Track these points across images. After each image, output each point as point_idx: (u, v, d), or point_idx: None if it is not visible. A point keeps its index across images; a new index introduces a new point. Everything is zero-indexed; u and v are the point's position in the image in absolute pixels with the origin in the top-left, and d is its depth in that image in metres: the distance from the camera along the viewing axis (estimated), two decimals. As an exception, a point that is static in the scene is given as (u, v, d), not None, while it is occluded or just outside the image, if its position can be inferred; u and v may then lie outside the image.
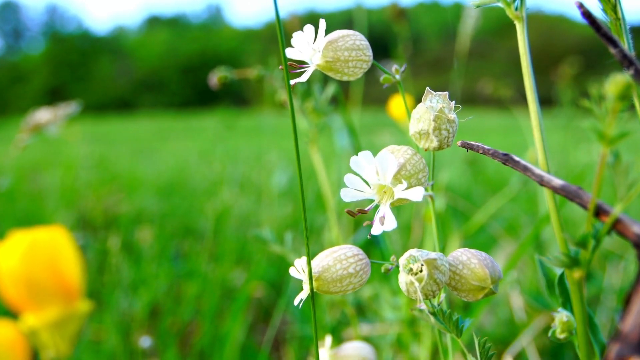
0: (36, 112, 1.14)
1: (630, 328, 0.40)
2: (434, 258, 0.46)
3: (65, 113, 1.13)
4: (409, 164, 0.49)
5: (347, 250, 0.51)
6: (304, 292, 0.51)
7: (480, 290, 0.49)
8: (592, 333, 0.55)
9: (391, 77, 0.55)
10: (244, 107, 6.52)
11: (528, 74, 0.51)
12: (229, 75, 0.95)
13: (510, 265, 1.15)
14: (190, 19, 39.02)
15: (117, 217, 2.32)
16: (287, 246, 0.82)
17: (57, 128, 1.12)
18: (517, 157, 0.50)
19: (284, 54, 0.50)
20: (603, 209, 0.46)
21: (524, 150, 1.43)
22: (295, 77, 0.53)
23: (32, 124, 1.11)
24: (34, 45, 35.47)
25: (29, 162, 4.11)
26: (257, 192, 2.64)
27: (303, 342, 1.31)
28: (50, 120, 1.11)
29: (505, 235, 1.72)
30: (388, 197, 0.50)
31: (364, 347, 0.67)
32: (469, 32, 1.81)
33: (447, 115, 0.49)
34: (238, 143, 5.07)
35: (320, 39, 0.52)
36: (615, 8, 0.53)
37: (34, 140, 1.14)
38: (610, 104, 0.41)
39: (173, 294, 1.60)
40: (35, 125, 1.11)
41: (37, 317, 0.48)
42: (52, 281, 0.48)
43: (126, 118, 15.25)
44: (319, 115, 0.94)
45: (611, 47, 0.48)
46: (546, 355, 1.24)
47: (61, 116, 1.12)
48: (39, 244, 0.48)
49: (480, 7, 0.51)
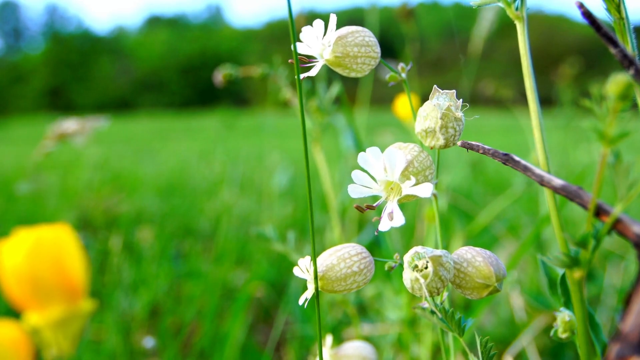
0: (64, 121, 1.14)
1: (630, 328, 0.40)
2: (439, 255, 0.47)
3: (93, 125, 1.13)
4: (416, 161, 0.49)
5: (351, 249, 0.51)
6: (308, 291, 0.51)
7: (484, 288, 0.49)
8: (593, 332, 0.55)
9: (397, 75, 0.55)
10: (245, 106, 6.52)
11: (528, 74, 0.52)
12: (233, 73, 0.95)
13: (511, 264, 1.15)
14: (190, 19, 39.03)
15: (117, 217, 2.32)
16: (289, 245, 0.82)
17: (84, 139, 1.13)
18: (517, 157, 0.50)
19: (295, 48, 0.50)
20: (603, 209, 0.46)
21: (524, 150, 1.43)
22: (303, 72, 0.53)
23: (59, 132, 1.12)
24: (34, 45, 35.48)
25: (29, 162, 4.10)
26: (258, 192, 2.64)
27: (303, 342, 1.31)
28: (78, 130, 1.12)
29: (507, 235, 1.72)
30: (395, 194, 0.50)
31: (365, 346, 0.67)
32: (482, 34, 1.81)
33: (454, 114, 0.49)
34: (238, 143, 5.07)
35: (330, 34, 0.52)
36: (619, 7, 0.53)
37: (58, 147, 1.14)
38: (611, 103, 0.41)
39: (173, 294, 1.60)
40: (62, 133, 1.11)
41: (40, 316, 0.48)
42: (56, 280, 0.48)
43: (126, 118, 15.25)
44: (323, 115, 0.94)
45: (611, 47, 0.48)
46: (546, 355, 1.24)
47: (89, 128, 1.13)
48: (43, 242, 0.48)
49: (481, 6, 0.52)
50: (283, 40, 14.80)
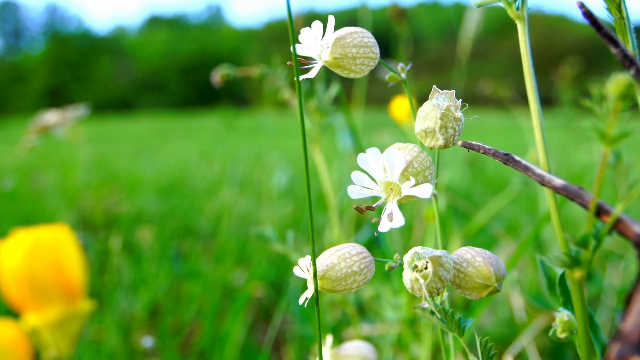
0: (44, 114, 1.13)
1: (630, 328, 0.40)
2: (439, 255, 0.47)
3: (74, 115, 1.12)
4: (415, 162, 0.49)
5: (351, 249, 0.51)
6: (308, 290, 0.51)
7: (484, 288, 0.49)
8: (593, 333, 0.55)
9: (397, 75, 0.55)
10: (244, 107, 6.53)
11: (529, 74, 0.51)
12: (231, 73, 0.95)
13: (510, 265, 1.15)
14: (190, 19, 39.02)
15: (117, 217, 2.32)
16: (289, 245, 0.82)
17: (64, 130, 1.12)
18: (517, 157, 0.50)
19: (294, 50, 0.50)
20: (604, 208, 0.46)
21: (524, 150, 1.43)
22: (302, 73, 0.53)
23: (40, 126, 1.11)
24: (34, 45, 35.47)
25: (30, 162, 4.11)
26: (257, 192, 2.64)
27: (303, 341, 1.31)
28: (59, 122, 1.11)
29: (506, 235, 1.72)
30: (395, 195, 0.50)
31: (365, 346, 0.67)
32: (470, 36, 1.82)
33: (454, 114, 0.49)
34: (238, 143, 5.07)
35: (329, 35, 0.52)
36: (620, 7, 0.53)
37: (40, 141, 1.14)
38: (612, 103, 0.41)
39: (173, 294, 1.60)
40: (43, 126, 1.11)
41: (39, 316, 0.48)
42: (55, 280, 0.48)
43: (126, 118, 15.25)
44: (322, 115, 0.94)
45: (612, 47, 0.48)
46: (546, 355, 1.24)
47: (69, 118, 1.12)
48: (42, 243, 0.48)
49: (482, 6, 0.51)
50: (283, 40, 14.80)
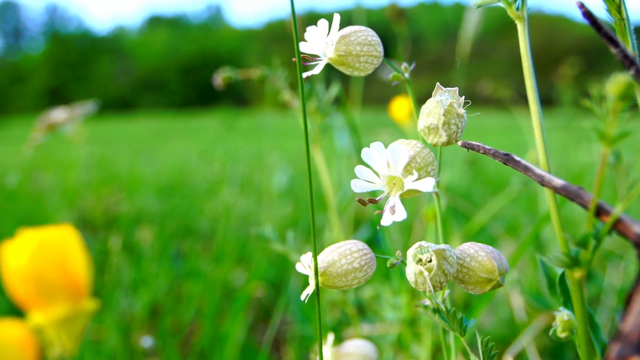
0: (52, 111, 1.13)
1: (630, 328, 0.40)
2: (443, 249, 0.47)
3: (81, 113, 1.13)
4: (419, 157, 0.49)
5: (352, 245, 0.52)
6: (309, 287, 0.51)
7: (487, 283, 0.49)
8: (593, 332, 0.55)
9: (400, 74, 0.55)
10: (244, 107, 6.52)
11: (529, 74, 0.52)
12: (233, 76, 0.95)
13: (510, 265, 1.15)
14: (190, 19, 39.01)
15: (117, 217, 2.32)
16: (289, 245, 0.83)
17: (72, 127, 1.12)
18: (517, 157, 0.50)
19: (297, 47, 0.50)
20: (604, 208, 0.46)
21: (524, 150, 1.43)
22: (306, 71, 0.53)
23: (47, 123, 1.11)
24: (34, 45, 35.46)
25: (30, 162, 4.11)
26: (257, 192, 2.65)
27: (303, 341, 1.31)
28: (67, 119, 1.11)
29: (506, 235, 1.72)
30: (398, 189, 0.50)
31: (366, 345, 0.68)
32: (469, 36, 1.82)
33: (457, 110, 0.49)
34: (238, 143, 5.07)
35: (334, 33, 0.53)
36: (619, 8, 0.53)
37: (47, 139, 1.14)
38: (611, 104, 0.41)
39: (173, 294, 1.60)
40: (50, 124, 1.11)
41: (44, 315, 0.49)
42: (60, 280, 0.48)
43: (126, 118, 15.24)
44: (322, 116, 0.94)
45: (612, 47, 0.48)
46: (546, 355, 1.24)
47: (77, 116, 1.12)
48: (48, 243, 0.48)
49: (482, 6, 0.52)
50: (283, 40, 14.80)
